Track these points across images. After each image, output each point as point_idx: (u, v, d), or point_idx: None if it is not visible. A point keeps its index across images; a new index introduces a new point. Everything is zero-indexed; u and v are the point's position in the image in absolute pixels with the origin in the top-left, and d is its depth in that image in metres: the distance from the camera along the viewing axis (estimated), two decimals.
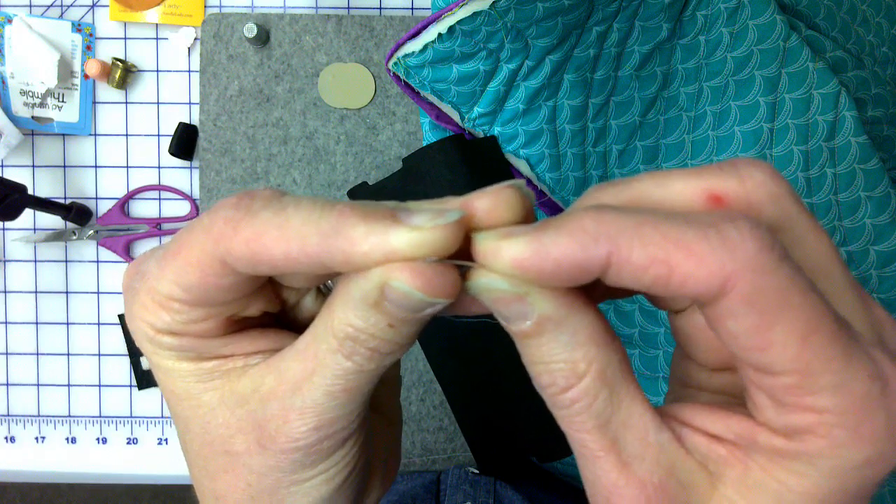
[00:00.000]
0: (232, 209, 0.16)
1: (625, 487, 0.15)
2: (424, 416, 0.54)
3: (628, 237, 0.13)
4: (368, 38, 0.54)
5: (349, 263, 0.15)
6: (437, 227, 0.14)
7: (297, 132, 0.55)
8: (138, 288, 0.18)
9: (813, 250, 0.16)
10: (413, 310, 0.15)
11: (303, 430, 0.17)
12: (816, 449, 0.14)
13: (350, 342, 0.16)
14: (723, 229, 0.13)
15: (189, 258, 0.16)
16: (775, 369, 0.14)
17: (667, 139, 0.49)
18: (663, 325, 0.48)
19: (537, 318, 0.15)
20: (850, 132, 0.43)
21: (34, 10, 0.56)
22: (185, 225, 0.17)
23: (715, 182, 0.15)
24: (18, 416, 0.58)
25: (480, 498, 0.46)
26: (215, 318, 0.18)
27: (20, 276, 0.58)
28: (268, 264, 0.15)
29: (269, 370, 0.18)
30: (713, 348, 0.18)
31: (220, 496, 0.19)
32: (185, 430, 0.19)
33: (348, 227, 0.15)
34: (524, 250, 0.14)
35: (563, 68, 0.46)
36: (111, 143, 0.57)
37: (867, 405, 0.14)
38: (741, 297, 0.13)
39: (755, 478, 0.15)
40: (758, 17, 0.44)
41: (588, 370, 0.15)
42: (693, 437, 0.16)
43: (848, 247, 0.45)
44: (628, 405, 0.16)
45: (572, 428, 0.16)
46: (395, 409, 0.24)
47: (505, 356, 0.49)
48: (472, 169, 0.47)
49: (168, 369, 0.18)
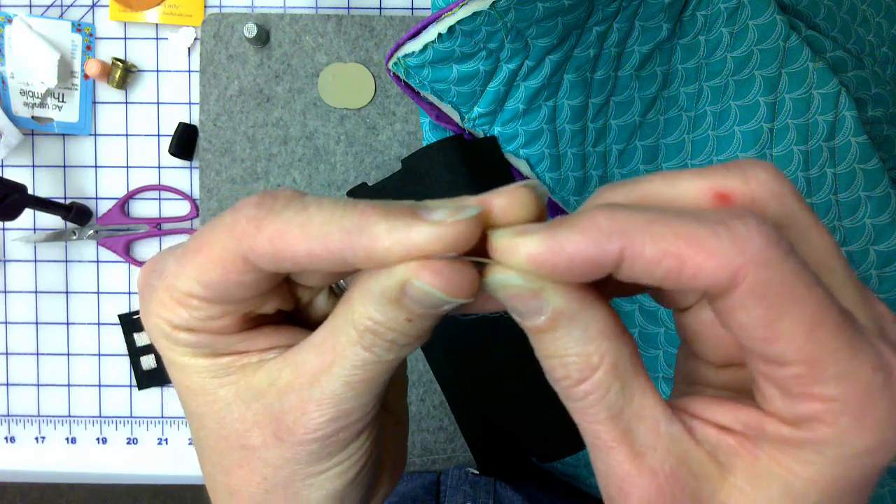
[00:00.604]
0: (255, 208, 0.16)
1: (637, 477, 0.16)
2: (424, 416, 0.54)
3: (640, 233, 0.14)
4: (368, 38, 0.54)
5: (371, 259, 0.15)
6: (457, 221, 0.15)
7: (297, 132, 0.55)
8: (156, 285, 0.18)
9: (816, 246, 0.16)
10: (432, 307, 0.16)
11: (320, 420, 0.18)
12: (823, 437, 0.15)
13: (369, 334, 0.17)
14: (731, 225, 0.14)
15: (210, 255, 0.17)
16: (783, 360, 0.14)
17: (667, 139, 0.49)
18: (663, 326, 0.48)
19: (551, 313, 0.15)
20: (850, 132, 0.43)
21: (34, 10, 0.56)
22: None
23: (721, 181, 0.16)
24: (18, 416, 0.58)
25: (480, 498, 0.46)
26: (232, 315, 0.18)
27: (20, 276, 0.58)
28: (290, 261, 0.16)
29: (286, 364, 0.18)
30: (718, 345, 0.18)
31: (234, 491, 0.19)
32: (200, 427, 0.19)
33: (370, 224, 0.15)
34: (539, 246, 0.14)
35: (563, 68, 0.46)
36: (111, 143, 0.57)
37: (872, 394, 0.14)
38: (750, 289, 0.14)
39: (764, 467, 0.16)
40: (758, 17, 0.44)
41: (601, 363, 0.16)
42: (703, 429, 0.16)
43: (848, 247, 0.44)
44: (640, 397, 0.16)
45: (586, 420, 0.16)
46: (403, 409, 0.25)
47: (505, 356, 0.49)
48: (471, 169, 0.47)
49: (184, 365, 0.19)
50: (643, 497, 0.16)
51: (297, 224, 0.16)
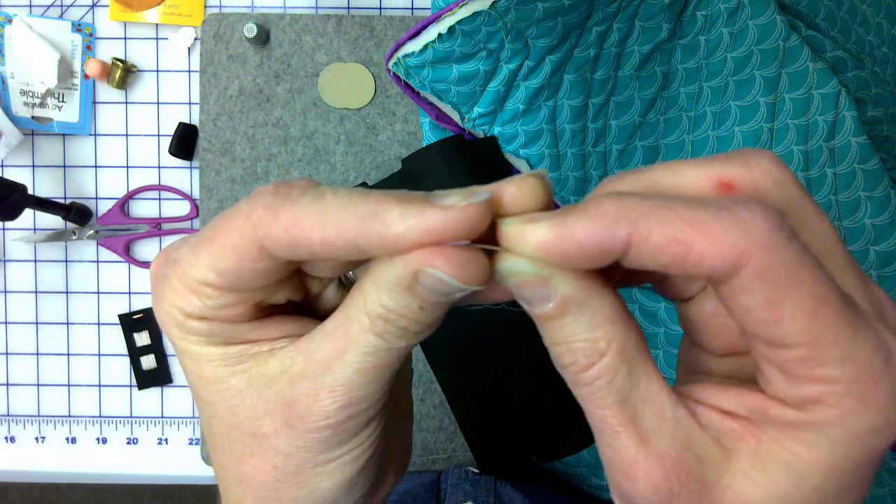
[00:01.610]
0: (271, 196, 0.17)
1: (644, 461, 0.16)
2: (424, 416, 0.54)
3: (647, 219, 0.14)
4: (368, 38, 0.54)
5: (384, 246, 0.16)
6: (469, 205, 0.15)
7: (297, 132, 0.55)
8: (169, 274, 0.18)
9: (816, 232, 0.17)
10: (444, 294, 0.16)
11: (332, 407, 0.18)
12: (826, 418, 0.15)
13: (381, 321, 0.17)
14: (736, 211, 0.14)
15: (226, 243, 0.17)
16: (786, 342, 0.14)
17: (667, 139, 0.49)
18: (663, 326, 0.48)
19: (560, 300, 0.16)
20: (850, 132, 0.43)
21: (34, 10, 0.56)
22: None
23: (724, 170, 0.16)
24: (18, 416, 0.58)
25: (481, 497, 0.46)
26: (245, 304, 0.18)
27: (20, 276, 0.58)
28: (306, 248, 0.16)
29: (298, 352, 0.18)
30: (719, 333, 0.19)
31: (245, 479, 0.20)
32: (212, 415, 0.20)
33: (384, 210, 0.16)
34: (549, 233, 0.15)
35: (563, 68, 0.46)
36: (111, 143, 0.57)
37: (873, 375, 0.14)
38: (754, 272, 0.14)
39: (767, 450, 0.16)
40: (758, 17, 0.44)
41: (608, 348, 0.16)
42: (707, 414, 0.17)
43: (848, 247, 0.45)
44: (646, 382, 0.16)
45: (593, 405, 0.17)
46: (408, 402, 0.25)
47: (505, 356, 0.49)
48: (471, 169, 0.47)
49: (196, 354, 0.19)
50: (649, 481, 0.16)
51: (314, 211, 0.16)
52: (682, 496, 0.16)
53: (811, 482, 0.15)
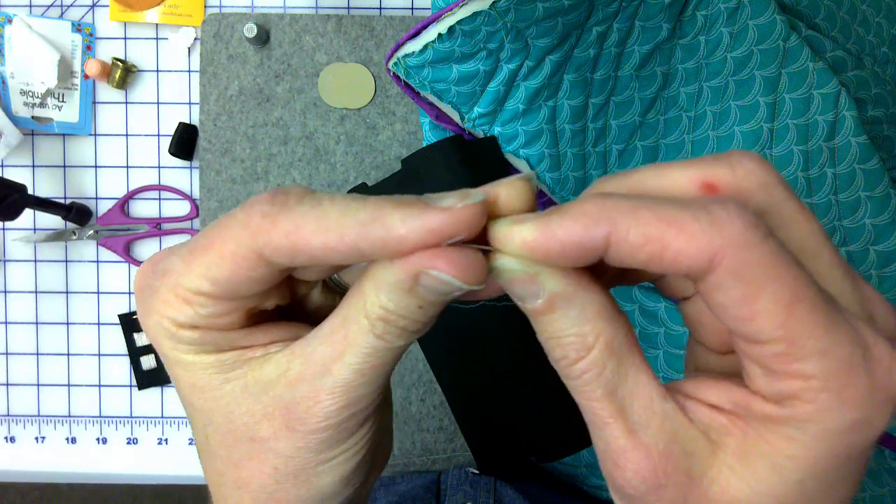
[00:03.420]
0: (268, 205, 0.17)
1: (632, 452, 0.16)
2: (424, 416, 0.54)
3: (625, 218, 0.15)
4: (368, 38, 0.54)
5: (386, 248, 0.16)
6: (466, 206, 0.16)
7: (297, 132, 0.55)
8: (157, 285, 0.18)
9: (800, 232, 0.17)
10: (443, 294, 0.17)
11: (333, 408, 0.18)
12: (804, 413, 0.15)
13: (381, 322, 0.17)
14: (712, 210, 0.15)
15: (222, 251, 0.17)
16: (762, 338, 0.15)
17: (667, 139, 0.49)
18: (663, 326, 0.48)
19: (548, 296, 0.16)
20: (850, 132, 0.43)
21: (34, 10, 0.56)
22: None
23: (708, 171, 0.17)
24: (18, 416, 0.58)
25: (481, 498, 0.46)
26: (237, 312, 0.19)
27: (20, 276, 0.58)
28: (306, 255, 0.16)
29: (295, 356, 0.19)
30: (717, 331, 0.19)
31: (243, 483, 0.20)
32: (207, 422, 0.20)
33: (385, 214, 0.16)
34: (534, 232, 0.15)
35: (563, 68, 0.46)
36: (111, 143, 0.57)
37: (850, 370, 0.15)
38: (728, 270, 0.14)
39: (752, 444, 0.16)
40: (758, 17, 0.44)
41: (596, 342, 0.16)
42: (695, 407, 0.17)
43: (848, 247, 0.45)
44: (634, 375, 0.17)
45: (583, 397, 0.17)
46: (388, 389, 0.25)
47: (504, 357, 0.49)
48: (471, 169, 0.47)
49: (188, 363, 0.19)
50: (637, 471, 0.16)
51: (314, 218, 0.16)
52: (668, 487, 0.16)
53: (794, 477, 0.16)
